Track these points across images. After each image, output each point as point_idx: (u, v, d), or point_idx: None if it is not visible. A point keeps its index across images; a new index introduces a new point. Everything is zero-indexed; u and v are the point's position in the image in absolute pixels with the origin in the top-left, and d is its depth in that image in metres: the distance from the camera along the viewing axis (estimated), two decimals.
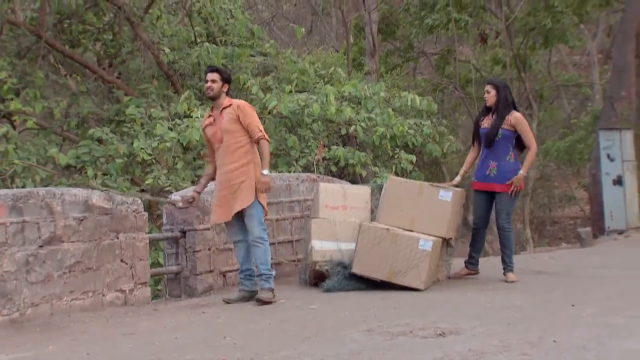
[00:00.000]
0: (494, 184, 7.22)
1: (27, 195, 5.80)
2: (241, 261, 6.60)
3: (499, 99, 7.25)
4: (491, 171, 7.23)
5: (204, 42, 11.89)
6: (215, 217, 6.57)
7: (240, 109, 6.47)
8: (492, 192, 7.28)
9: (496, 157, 7.22)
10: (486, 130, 7.27)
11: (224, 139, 6.43)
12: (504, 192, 7.20)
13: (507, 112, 7.23)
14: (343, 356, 4.50)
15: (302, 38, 20.80)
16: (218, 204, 6.51)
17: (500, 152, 7.21)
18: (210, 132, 6.54)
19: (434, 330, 5.06)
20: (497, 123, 7.21)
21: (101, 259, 6.29)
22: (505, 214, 7.26)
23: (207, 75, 6.57)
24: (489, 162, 7.25)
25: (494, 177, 7.22)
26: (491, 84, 7.40)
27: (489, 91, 7.31)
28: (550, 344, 4.58)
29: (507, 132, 7.21)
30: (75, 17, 12.38)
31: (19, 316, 5.63)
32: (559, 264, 8.84)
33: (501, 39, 19.55)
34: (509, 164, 7.21)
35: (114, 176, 9.87)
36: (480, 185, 7.34)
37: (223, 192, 6.44)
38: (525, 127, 7.27)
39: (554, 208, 23.55)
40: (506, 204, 7.24)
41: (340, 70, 13.01)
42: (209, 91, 6.52)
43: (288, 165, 10.77)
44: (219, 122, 6.47)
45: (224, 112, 6.48)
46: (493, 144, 7.21)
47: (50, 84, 12.27)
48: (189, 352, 4.76)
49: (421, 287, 6.83)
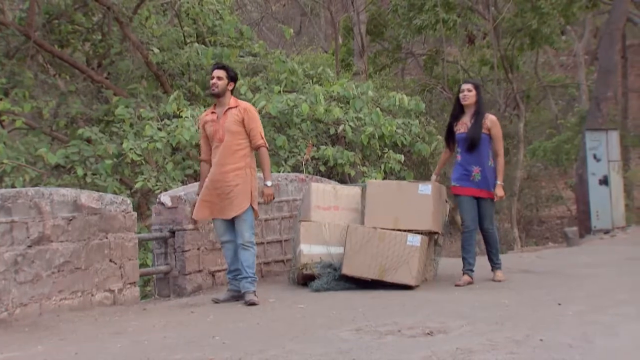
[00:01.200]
0: (481, 190, 7.16)
1: (15, 195, 5.79)
2: (229, 261, 6.60)
3: (477, 99, 7.19)
4: (475, 176, 7.14)
5: (194, 43, 11.91)
6: (200, 214, 6.51)
7: (246, 112, 6.51)
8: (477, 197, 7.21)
9: (479, 162, 7.14)
10: (465, 135, 7.15)
11: (225, 139, 6.41)
12: (488, 197, 7.17)
13: (483, 115, 7.16)
14: (331, 355, 4.51)
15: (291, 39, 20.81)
16: (206, 200, 6.46)
17: (482, 157, 7.13)
18: (211, 129, 6.48)
19: (422, 330, 5.09)
20: (477, 128, 7.11)
21: (90, 259, 6.29)
22: (489, 217, 7.27)
23: (213, 71, 6.54)
24: (472, 167, 7.14)
25: (479, 182, 7.14)
26: (471, 83, 7.30)
27: (470, 90, 7.20)
28: (537, 342, 4.61)
29: (485, 136, 7.14)
30: (64, 17, 12.37)
31: (7, 316, 5.62)
32: (545, 263, 8.89)
33: (489, 40, 19.63)
34: (491, 169, 7.16)
35: (104, 176, 9.86)
36: (466, 190, 7.20)
37: (216, 190, 6.42)
38: (499, 132, 7.18)
39: (541, 208, 23.67)
40: (490, 208, 7.25)
41: (329, 70, 13.04)
42: (214, 88, 6.48)
43: (277, 165, 10.79)
44: (222, 120, 6.44)
45: (230, 112, 6.47)
46: (475, 149, 7.11)
47: (39, 83, 12.23)
48: (177, 352, 4.76)
49: (412, 282, 6.87)
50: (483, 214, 7.24)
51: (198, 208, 6.55)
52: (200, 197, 6.53)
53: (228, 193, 6.40)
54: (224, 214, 6.46)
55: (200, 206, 6.52)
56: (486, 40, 20.20)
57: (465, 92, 7.20)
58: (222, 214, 6.46)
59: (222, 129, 6.42)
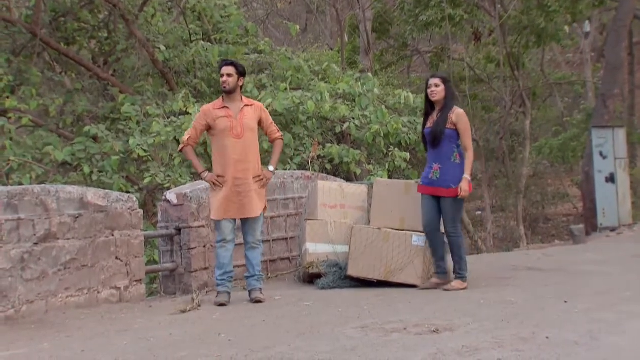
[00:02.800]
0: (438, 188, 6.68)
1: (22, 192, 5.81)
2: (227, 262, 6.43)
3: (446, 94, 6.72)
4: (434, 174, 6.70)
5: (199, 40, 11.91)
6: (226, 213, 6.35)
7: (262, 110, 6.64)
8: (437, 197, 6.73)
9: (440, 159, 6.68)
10: (430, 129, 6.73)
11: (244, 135, 6.39)
12: (448, 196, 6.66)
13: (450, 109, 6.70)
14: (337, 352, 4.52)
15: (297, 36, 20.80)
16: (228, 198, 6.34)
17: (444, 154, 6.67)
18: (226, 124, 6.37)
19: (428, 327, 5.08)
20: (440, 123, 6.67)
21: (96, 256, 6.30)
22: (450, 219, 6.69)
23: (222, 69, 6.49)
24: (432, 164, 6.72)
25: (437, 180, 6.68)
26: (439, 77, 6.82)
27: (438, 85, 6.72)
28: (543, 340, 4.61)
29: (451, 132, 6.67)
30: (71, 15, 12.39)
31: (14, 313, 5.64)
32: (551, 261, 8.87)
33: (495, 37, 19.60)
34: (454, 166, 6.67)
35: (110, 173, 9.88)
36: (425, 189, 6.77)
37: (237, 188, 6.34)
38: (466, 126, 6.71)
39: (547, 205, 23.65)
40: (450, 208, 6.68)
41: (335, 65, 13.02)
42: (225, 85, 6.44)
43: (283, 163, 10.79)
44: (240, 117, 6.41)
45: (246, 109, 6.47)
46: (438, 144, 6.68)
47: (45, 81, 12.27)
48: (183, 349, 4.77)
49: (418, 282, 6.86)
50: (443, 215, 6.72)
51: (222, 208, 6.36)
52: (220, 196, 6.35)
53: (250, 191, 6.38)
54: (244, 213, 6.40)
55: (223, 206, 6.35)
56: (492, 38, 20.17)
57: (432, 88, 6.74)
58: (243, 213, 6.40)
59: (242, 125, 6.39)
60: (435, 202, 6.75)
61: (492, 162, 21.03)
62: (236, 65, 6.53)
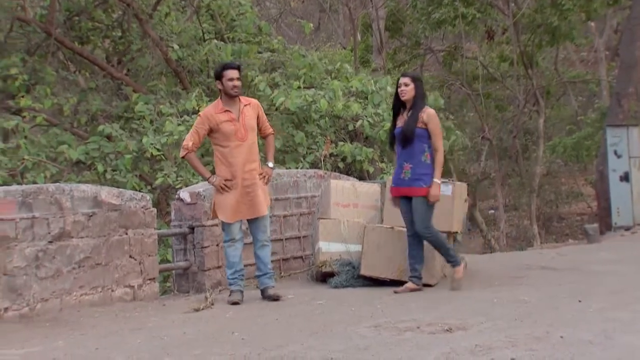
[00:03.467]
0: (410, 188, 6.53)
1: (36, 191, 5.84)
2: (238, 260, 6.45)
3: (416, 94, 6.59)
4: (405, 174, 6.54)
5: (212, 39, 11.92)
6: (236, 215, 6.37)
7: (259, 107, 6.61)
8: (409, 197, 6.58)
9: (410, 159, 6.53)
10: (400, 129, 6.58)
11: (247, 137, 6.39)
12: (419, 195, 6.49)
13: (420, 108, 6.57)
14: (350, 351, 4.51)
15: (310, 35, 20.82)
16: (237, 200, 6.35)
17: (415, 153, 6.52)
18: (231, 128, 6.35)
19: (441, 326, 5.07)
20: (411, 122, 6.52)
21: (110, 255, 6.32)
22: (421, 219, 6.50)
23: (229, 72, 6.40)
24: (403, 163, 6.57)
25: (408, 180, 6.53)
26: (408, 76, 6.68)
27: (407, 84, 6.58)
28: (557, 339, 4.58)
29: (421, 131, 6.53)
30: (85, 14, 12.44)
31: (28, 311, 5.67)
32: (565, 260, 8.83)
33: (508, 35, 19.53)
34: (424, 165, 6.52)
35: (123, 172, 9.92)
36: (397, 190, 6.65)
37: (245, 189, 6.36)
38: (436, 126, 6.58)
39: (561, 204, 23.54)
40: (420, 209, 6.49)
41: (347, 65, 13.02)
42: (237, 90, 6.40)
43: (295, 162, 10.79)
44: (242, 119, 6.39)
45: (246, 109, 6.45)
46: (409, 144, 6.53)
47: (60, 80, 12.33)
48: (197, 347, 4.78)
49: (432, 282, 6.85)
50: (415, 216, 6.53)
51: (231, 211, 6.36)
52: (229, 199, 6.35)
53: (256, 191, 6.40)
54: (253, 212, 6.42)
55: (233, 208, 6.36)
56: (506, 36, 20.09)
57: (402, 87, 6.60)
58: (252, 213, 6.42)
59: (244, 127, 6.38)
60: (409, 202, 6.58)
61: (506, 161, 20.96)
62: (240, 68, 6.53)
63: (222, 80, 6.41)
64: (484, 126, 19.09)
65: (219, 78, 6.45)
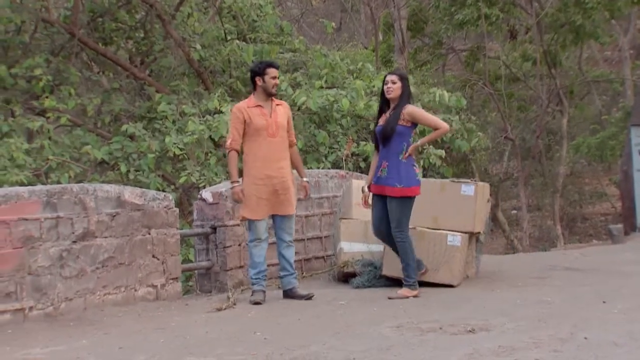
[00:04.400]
0: (384, 187, 6.40)
1: (61, 191, 5.89)
2: (262, 261, 6.45)
3: (402, 92, 6.46)
4: (382, 172, 6.42)
5: (234, 40, 11.95)
6: (259, 213, 6.38)
7: (289, 110, 6.68)
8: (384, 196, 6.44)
9: (388, 157, 6.41)
10: (381, 127, 6.46)
11: (278, 134, 6.43)
12: (393, 196, 6.36)
13: (402, 106, 6.43)
14: (373, 351, 4.51)
15: (331, 35, 20.80)
16: (262, 197, 6.35)
17: (392, 151, 6.40)
18: (262, 122, 6.38)
19: (464, 327, 5.05)
20: (392, 119, 6.40)
21: (133, 255, 6.36)
22: (395, 221, 6.36)
23: (274, 70, 6.47)
24: (382, 161, 6.45)
25: (384, 178, 6.40)
26: (396, 74, 6.57)
27: (395, 82, 6.45)
28: (582, 340, 4.55)
29: (403, 128, 6.39)
30: (108, 15, 12.52)
31: (53, 310, 5.72)
32: (589, 261, 8.76)
33: (531, 35, 19.39)
34: (401, 163, 6.38)
35: (146, 172, 9.97)
36: (374, 187, 6.50)
37: (273, 187, 6.37)
38: (422, 115, 6.53)
39: (584, 205, 23.33)
40: (395, 209, 6.35)
41: (369, 65, 13.00)
42: (275, 89, 6.51)
43: (317, 162, 10.80)
44: (274, 116, 6.44)
45: (278, 108, 6.51)
46: (388, 142, 6.40)
47: (83, 81, 12.42)
48: (219, 347, 4.79)
49: (454, 282, 6.82)
50: (390, 217, 6.40)
51: (255, 207, 6.37)
52: (255, 195, 6.36)
53: (286, 189, 6.41)
54: (281, 211, 6.44)
55: (257, 205, 6.37)
56: (529, 36, 19.94)
57: (389, 84, 6.47)
58: (280, 211, 6.44)
59: (276, 124, 6.42)
60: (384, 203, 6.46)
61: (528, 161, 20.79)
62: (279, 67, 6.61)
63: (264, 77, 6.44)
64: (507, 126, 18.97)
65: (260, 74, 6.46)
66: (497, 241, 19.69)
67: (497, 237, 19.81)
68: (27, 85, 11.00)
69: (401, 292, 6.40)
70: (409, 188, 6.38)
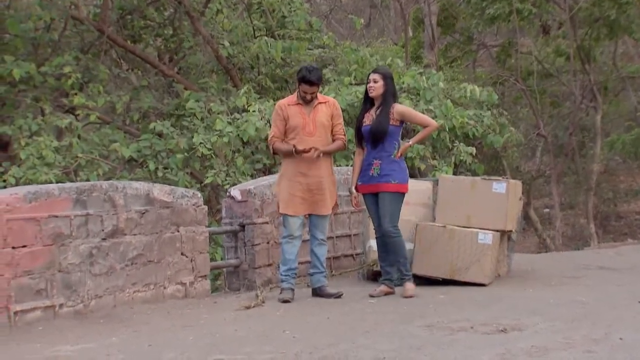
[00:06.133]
0: (378, 184, 6.37)
1: (90, 188, 5.91)
2: (294, 258, 6.42)
3: (386, 90, 6.42)
4: (374, 170, 6.37)
5: (263, 36, 11.93)
6: (297, 209, 6.34)
7: (335, 107, 6.53)
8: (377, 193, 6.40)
9: (380, 156, 6.37)
10: (370, 127, 6.38)
11: (316, 133, 6.35)
12: (387, 191, 6.33)
13: (389, 105, 6.41)
14: (403, 350, 4.46)
15: (360, 31, 20.73)
16: (298, 195, 6.32)
17: (385, 151, 6.36)
18: (299, 121, 6.34)
19: (496, 326, 4.98)
20: (384, 120, 6.35)
21: (162, 252, 6.36)
22: (389, 216, 6.31)
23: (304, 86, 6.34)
24: (373, 161, 6.39)
25: (377, 176, 6.36)
26: (378, 73, 6.51)
27: (376, 80, 6.40)
28: (616, 341, 4.48)
29: (393, 128, 6.39)
30: (137, 12, 12.59)
31: (83, 308, 5.74)
32: (624, 260, 8.63)
33: (564, 30, 19.14)
34: (393, 162, 6.37)
35: (175, 170, 9.99)
36: (365, 187, 6.45)
37: (309, 186, 6.33)
38: (411, 114, 6.60)
39: (619, 203, 23.01)
40: (389, 205, 6.32)
41: (399, 61, 12.90)
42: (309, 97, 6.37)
43: (346, 159, 10.74)
44: (313, 115, 6.37)
45: (320, 106, 6.43)
46: (380, 142, 6.37)
47: (112, 78, 12.50)
48: (248, 345, 4.77)
49: (485, 281, 6.74)
50: (382, 212, 6.34)
51: (292, 203, 6.36)
52: (290, 192, 6.35)
53: (322, 189, 6.37)
54: (317, 210, 6.40)
55: (294, 202, 6.35)
56: (562, 31, 19.70)
57: (371, 83, 6.42)
58: (315, 210, 6.40)
59: (314, 123, 6.36)
60: (377, 201, 6.40)
61: (561, 158, 20.55)
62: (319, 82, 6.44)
63: (300, 87, 6.42)
64: (539, 123, 18.76)
65: (299, 81, 6.43)
66: (529, 240, 19.50)
67: (529, 236, 19.62)
68: (57, 83, 11.07)
69: (409, 289, 6.34)
70: (403, 185, 6.40)
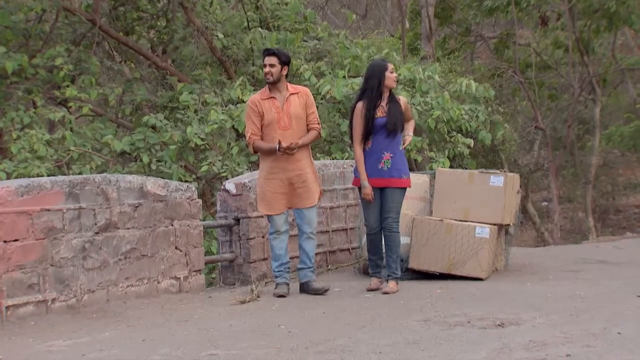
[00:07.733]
0: (391, 179, 6.25)
1: (83, 181, 5.84)
2: (283, 253, 6.37)
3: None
4: (385, 164, 6.25)
5: (257, 28, 11.83)
6: (277, 208, 6.28)
7: (307, 96, 6.40)
8: (383, 188, 6.29)
9: (392, 149, 6.28)
10: (386, 119, 6.25)
11: (292, 126, 6.24)
12: (398, 187, 6.26)
13: (397, 98, 6.39)
14: (399, 345, 4.42)
15: (357, 22, 20.64)
16: (279, 192, 6.25)
17: (396, 143, 6.31)
18: (273, 116, 6.24)
19: (493, 321, 4.95)
20: (398, 113, 6.29)
21: (156, 246, 6.30)
22: (395, 212, 6.26)
23: (264, 59, 6.30)
24: (383, 153, 6.26)
25: (388, 170, 6.25)
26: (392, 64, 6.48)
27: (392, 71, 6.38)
28: (615, 336, 4.45)
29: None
30: (130, 3, 12.49)
31: (75, 302, 5.68)
32: (623, 254, 8.62)
33: (563, 21, 19.08)
34: (402, 155, 6.36)
35: (168, 163, 9.92)
36: (376, 181, 6.27)
37: (289, 180, 6.26)
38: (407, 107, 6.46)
39: (617, 196, 23.04)
40: (397, 200, 6.26)
41: (395, 54, 12.83)
42: (269, 77, 6.24)
43: (342, 152, 10.69)
44: (286, 107, 6.26)
45: (292, 98, 6.31)
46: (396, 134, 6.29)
47: (104, 70, 12.42)
48: (243, 340, 4.73)
49: (482, 275, 6.70)
50: (389, 208, 6.25)
51: (273, 202, 6.29)
52: (271, 190, 6.27)
53: (304, 181, 6.28)
54: (301, 203, 6.31)
55: (275, 200, 6.28)
56: (560, 22, 19.63)
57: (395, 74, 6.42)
58: (299, 203, 6.31)
59: (288, 116, 6.25)
60: (380, 196, 6.31)
61: (560, 151, 20.52)
62: (279, 55, 6.29)
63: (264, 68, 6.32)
64: (537, 115, 18.72)
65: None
66: (527, 233, 19.50)
67: (527, 230, 19.62)
68: (48, 75, 10.98)
69: (392, 286, 6.27)
70: (409, 179, 6.38)
